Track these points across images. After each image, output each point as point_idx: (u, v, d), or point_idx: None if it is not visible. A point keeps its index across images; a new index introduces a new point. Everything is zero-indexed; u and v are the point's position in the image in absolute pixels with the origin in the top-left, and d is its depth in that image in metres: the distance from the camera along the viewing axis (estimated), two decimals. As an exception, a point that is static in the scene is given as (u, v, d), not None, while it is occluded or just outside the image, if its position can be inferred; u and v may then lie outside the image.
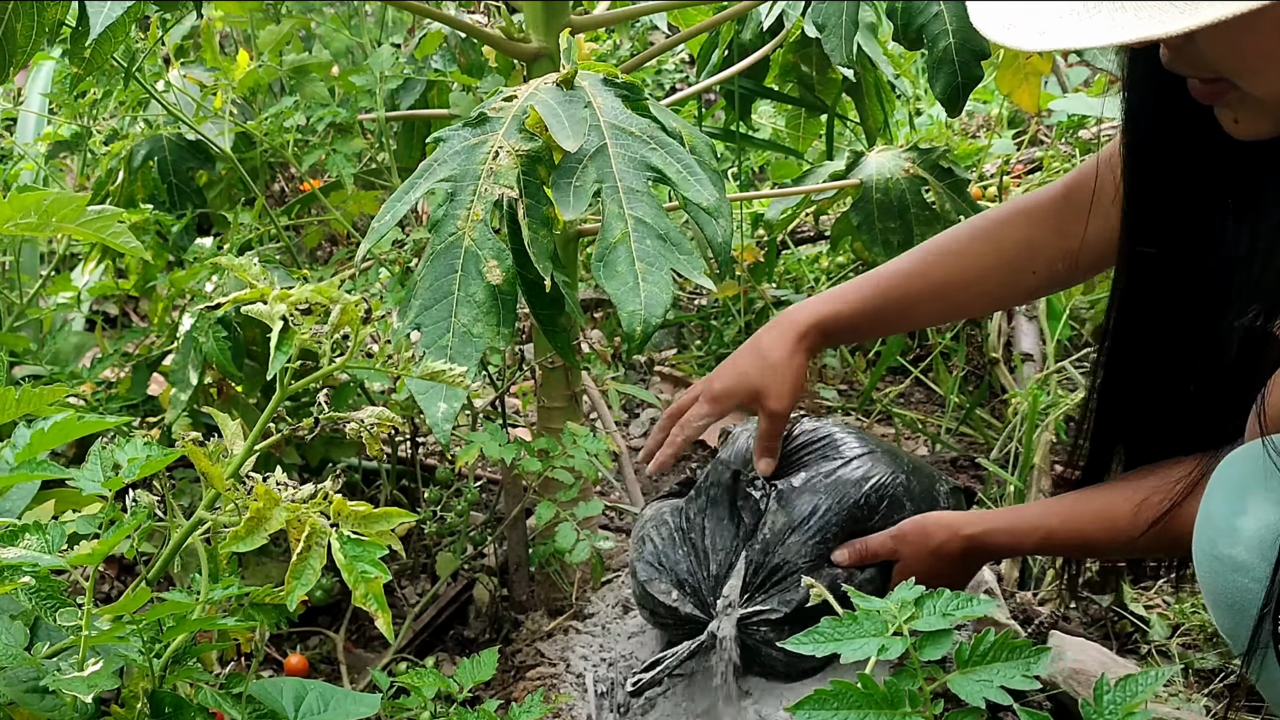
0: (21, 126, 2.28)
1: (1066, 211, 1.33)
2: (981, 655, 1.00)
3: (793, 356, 1.37)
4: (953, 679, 1.00)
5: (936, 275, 1.39)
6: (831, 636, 1.03)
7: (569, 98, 1.24)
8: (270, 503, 0.92)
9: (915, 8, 1.51)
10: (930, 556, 1.34)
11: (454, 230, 1.18)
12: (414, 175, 1.24)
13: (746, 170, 2.92)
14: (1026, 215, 1.37)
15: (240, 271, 0.98)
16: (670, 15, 2.22)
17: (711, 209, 1.20)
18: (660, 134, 1.23)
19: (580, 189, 1.17)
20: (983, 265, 1.38)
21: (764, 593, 1.39)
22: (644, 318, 1.12)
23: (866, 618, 1.03)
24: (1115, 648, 1.55)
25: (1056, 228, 1.33)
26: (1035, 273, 1.37)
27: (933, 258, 1.39)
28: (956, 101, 1.53)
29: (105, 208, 0.87)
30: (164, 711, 0.98)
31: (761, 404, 1.39)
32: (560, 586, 1.67)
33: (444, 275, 1.17)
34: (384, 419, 1.00)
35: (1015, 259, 1.37)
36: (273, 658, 1.65)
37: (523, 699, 1.33)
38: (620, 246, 1.14)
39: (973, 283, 1.39)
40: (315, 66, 1.84)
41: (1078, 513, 1.28)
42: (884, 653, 1.01)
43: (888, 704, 0.99)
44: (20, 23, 1.12)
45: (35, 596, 0.96)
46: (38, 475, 0.99)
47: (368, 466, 1.95)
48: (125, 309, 2.50)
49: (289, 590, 0.92)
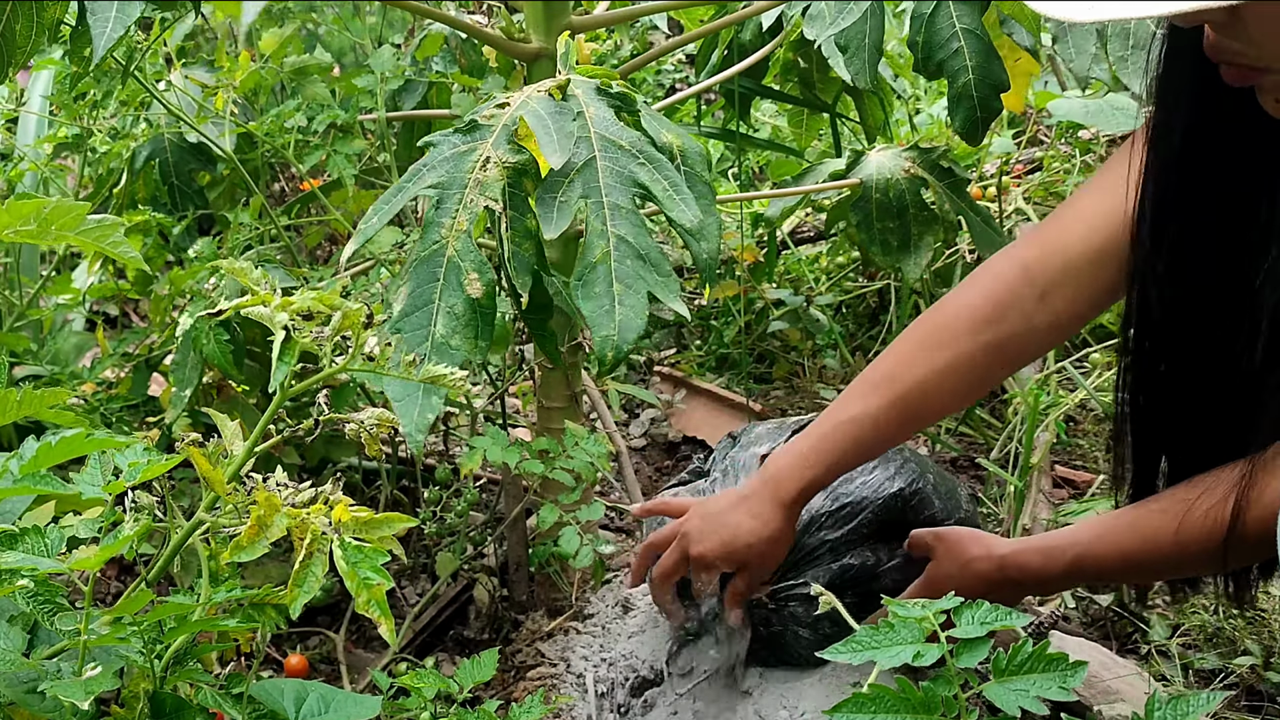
0: (22, 127, 2.28)
1: (1031, 293, 1.24)
2: (1019, 666, 1.01)
3: (784, 529, 1.33)
4: (989, 687, 1.00)
5: (907, 411, 1.30)
6: (869, 644, 1.03)
7: (560, 109, 1.23)
8: (271, 509, 0.92)
9: (936, 41, 1.52)
10: (962, 569, 1.32)
11: (438, 238, 1.18)
12: (404, 178, 1.24)
13: (746, 170, 2.92)
14: (981, 320, 1.27)
15: (240, 275, 0.98)
16: (672, 12, 2.22)
17: (694, 230, 1.20)
18: (649, 149, 1.22)
19: (565, 205, 1.17)
20: (951, 387, 1.30)
21: (795, 571, 1.41)
22: (616, 343, 1.12)
23: (904, 625, 1.04)
24: (1115, 648, 1.55)
25: (1022, 315, 1.25)
26: (1005, 368, 1.33)
27: (898, 394, 1.29)
28: (975, 134, 1.54)
29: (105, 216, 0.87)
30: (165, 712, 0.98)
31: (748, 572, 1.36)
32: (560, 586, 1.67)
33: (426, 283, 1.17)
34: (384, 420, 1.00)
35: (982, 366, 1.28)
36: (273, 658, 1.65)
37: (523, 699, 1.33)
38: (600, 266, 1.14)
39: (945, 404, 1.34)
40: (316, 68, 1.84)
41: (1112, 527, 1.22)
42: (919, 659, 1.01)
43: (925, 709, 0.99)
44: (20, 23, 1.12)
45: (33, 601, 0.96)
46: (38, 490, 0.99)
47: (367, 466, 1.95)
48: (125, 309, 2.51)
49: (292, 599, 0.92)
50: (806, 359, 2.35)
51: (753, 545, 1.33)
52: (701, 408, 2.25)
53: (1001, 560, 1.30)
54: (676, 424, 2.26)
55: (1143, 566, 1.23)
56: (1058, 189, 2.58)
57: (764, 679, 1.46)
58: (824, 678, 1.44)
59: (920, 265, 1.93)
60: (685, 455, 2.19)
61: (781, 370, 2.36)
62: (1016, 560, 1.29)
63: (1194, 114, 1.09)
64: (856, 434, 1.30)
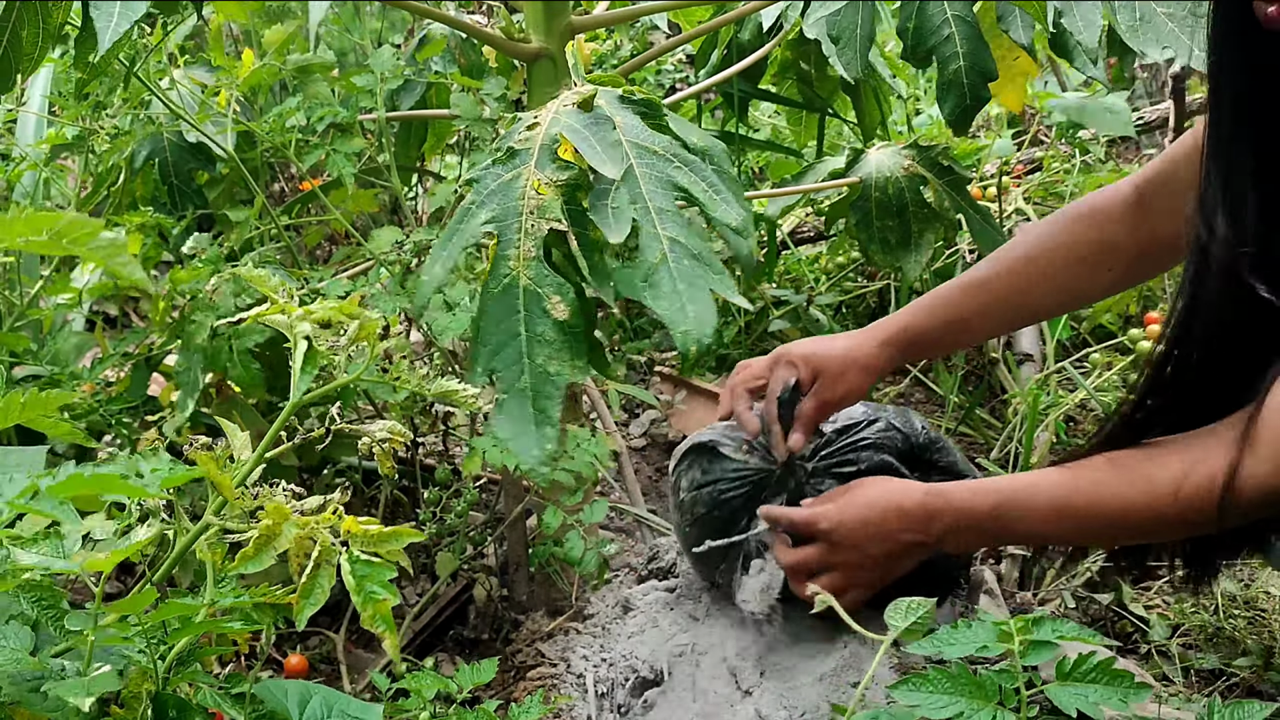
0: (22, 127, 2.27)
1: (1139, 209, 1.35)
2: (1084, 674, 1.04)
3: (872, 361, 1.42)
4: (1051, 688, 1.03)
5: (1013, 281, 1.41)
6: (947, 641, 1.08)
7: (594, 120, 1.23)
8: (280, 519, 0.92)
9: (926, 28, 1.53)
10: (886, 483, 1.33)
11: (507, 271, 1.17)
12: (454, 220, 1.22)
13: (746, 171, 2.92)
14: (1098, 215, 1.39)
15: (260, 283, 0.98)
16: (671, 13, 2.22)
17: (739, 228, 1.21)
18: (683, 152, 1.23)
19: (619, 210, 1.16)
20: (1057, 267, 1.40)
21: (834, 456, 1.47)
22: (696, 338, 1.12)
23: (982, 626, 1.08)
24: (1115, 648, 1.56)
25: (1131, 225, 1.36)
26: (1110, 270, 1.40)
27: (1007, 264, 1.42)
28: (964, 122, 1.55)
29: (117, 235, 0.87)
30: (166, 713, 0.98)
31: (822, 385, 1.42)
32: (560, 586, 1.68)
33: (507, 317, 1.16)
34: (395, 433, 1.00)
35: (1090, 258, 1.39)
36: (273, 658, 1.65)
37: (523, 699, 1.33)
38: (662, 268, 1.14)
39: (1048, 284, 1.41)
40: (320, 65, 1.84)
41: (1048, 475, 1.21)
42: (985, 650, 1.05)
43: (983, 694, 1.02)
44: (26, 29, 1.12)
45: (37, 605, 0.96)
46: (50, 515, 0.99)
47: (367, 466, 1.95)
48: (125, 309, 2.50)
49: (299, 611, 0.92)
50: (806, 359, 2.35)
51: (836, 357, 1.41)
52: (701, 408, 2.25)
53: (927, 489, 1.29)
54: (676, 424, 2.26)
55: (1079, 518, 1.19)
56: (1058, 189, 2.58)
57: (764, 679, 1.46)
58: (824, 678, 1.44)
59: (921, 263, 1.94)
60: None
61: (781, 370, 2.36)
62: (942, 489, 1.28)
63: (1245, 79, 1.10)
64: (962, 294, 1.41)
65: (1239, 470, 1.06)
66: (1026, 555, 1.73)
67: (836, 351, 1.43)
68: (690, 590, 1.65)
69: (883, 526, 1.28)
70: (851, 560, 1.31)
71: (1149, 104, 3.11)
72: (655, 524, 1.88)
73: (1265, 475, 1.05)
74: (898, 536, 1.28)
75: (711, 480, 1.55)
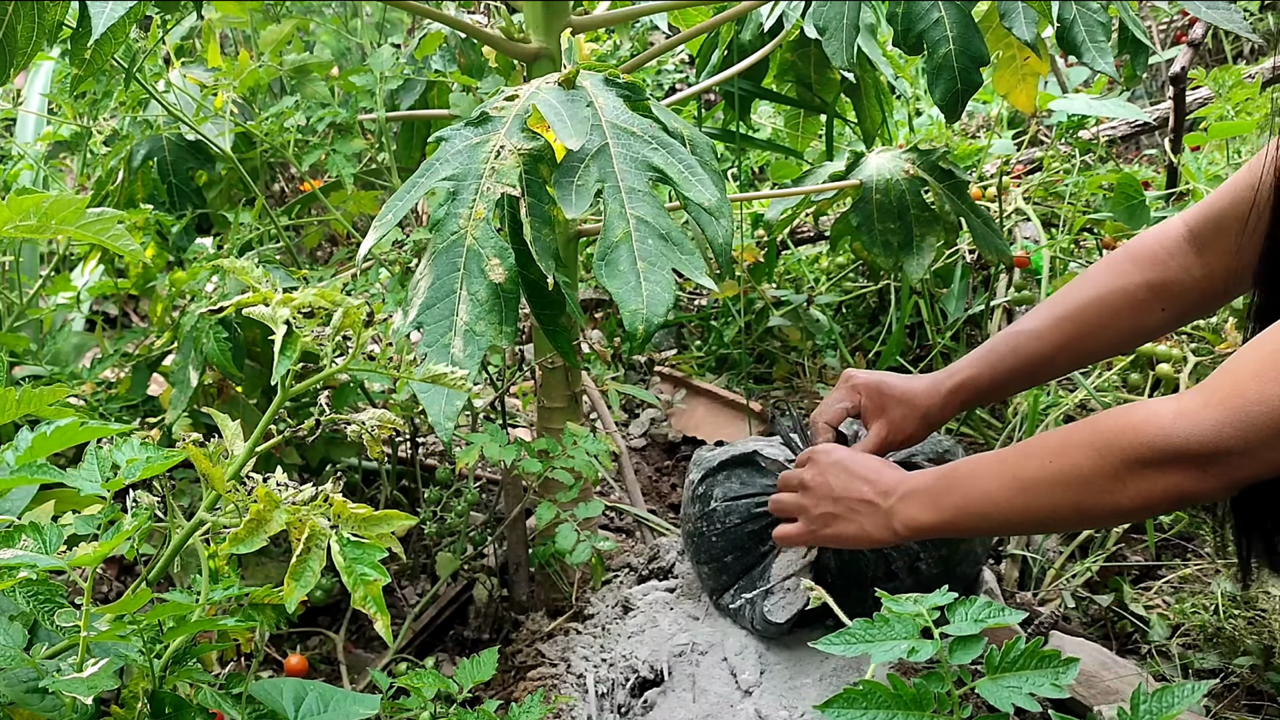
0: (21, 127, 2.28)
1: (1191, 247, 1.38)
2: (1012, 663, 1.02)
3: (933, 407, 1.47)
4: (982, 684, 1.01)
5: (1069, 329, 1.44)
6: (863, 638, 1.05)
7: (571, 97, 1.24)
8: (270, 505, 0.92)
9: (916, 13, 1.52)
10: (868, 459, 1.39)
11: (456, 229, 1.18)
12: (416, 174, 1.24)
13: (746, 170, 2.92)
14: (1150, 256, 1.41)
15: (242, 274, 0.98)
16: (670, 15, 2.22)
17: (713, 209, 1.21)
18: (662, 134, 1.23)
19: (582, 188, 1.17)
20: (1112, 312, 1.42)
21: None
22: (645, 316, 1.12)
23: (898, 620, 1.05)
24: (1115, 648, 1.55)
25: (1183, 264, 1.39)
26: (1164, 309, 1.41)
27: (1062, 311, 1.44)
28: (955, 107, 1.55)
29: (104, 210, 0.87)
30: (164, 712, 0.98)
31: (881, 426, 1.48)
32: (560, 586, 1.67)
33: (446, 274, 1.17)
34: (385, 421, 1.00)
35: (1145, 300, 1.41)
36: (272, 658, 1.65)
37: (523, 699, 1.33)
38: (622, 246, 1.14)
39: (1105, 330, 1.43)
40: (316, 66, 1.84)
41: (995, 453, 1.25)
42: (914, 655, 1.02)
43: (916, 705, 1.00)
44: (21, 24, 1.12)
45: (32, 600, 0.96)
46: (37, 479, 0.99)
47: (368, 466, 1.95)
48: (125, 309, 2.51)
49: (288, 592, 0.92)
50: (806, 359, 2.35)
51: (898, 397, 1.48)
52: (701, 408, 2.25)
53: (903, 475, 1.35)
54: (676, 424, 2.25)
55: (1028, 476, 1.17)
56: (1057, 189, 2.58)
57: (764, 679, 1.46)
58: (824, 678, 1.44)
59: (923, 266, 1.93)
60: (685, 455, 2.19)
61: (781, 370, 2.36)
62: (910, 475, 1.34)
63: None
64: (1017, 343, 1.45)
65: (1181, 404, 1.05)
66: (1026, 555, 1.72)
67: (896, 392, 1.48)
68: (690, 590, 1.65)
69: (850, 473, 1.37)
70: (816, 490, 1.39)
71: (1149, 104, 3.11)
72: (655, 524, 1.87)
73: (1196, 408, 1.03)
74: (858, 487, 1.35)
75: (751, 494, 1.57)
